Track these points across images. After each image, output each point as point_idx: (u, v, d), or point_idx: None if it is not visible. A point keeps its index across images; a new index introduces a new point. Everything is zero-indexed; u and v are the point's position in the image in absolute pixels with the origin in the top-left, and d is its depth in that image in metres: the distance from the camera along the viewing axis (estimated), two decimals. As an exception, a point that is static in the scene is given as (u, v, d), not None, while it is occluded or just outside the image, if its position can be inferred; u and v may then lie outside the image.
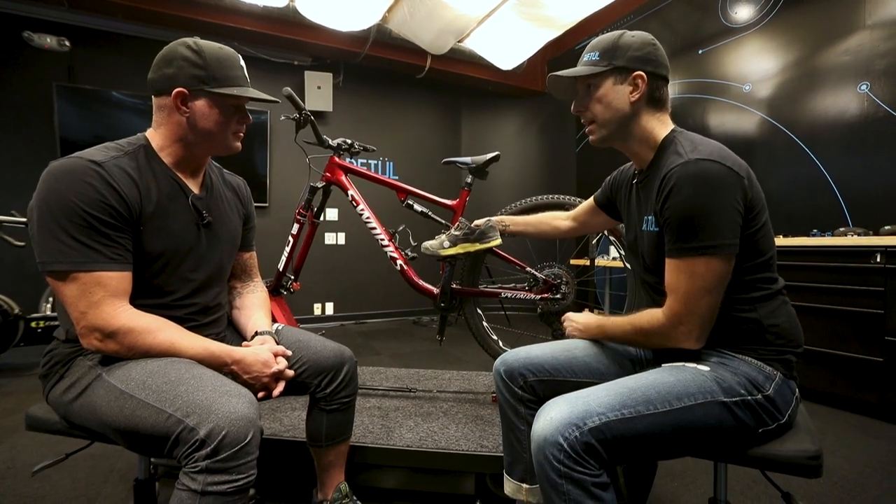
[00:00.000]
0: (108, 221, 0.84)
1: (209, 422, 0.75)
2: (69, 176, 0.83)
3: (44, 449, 1.80)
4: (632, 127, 0.97)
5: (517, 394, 1.07)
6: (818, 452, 0.82)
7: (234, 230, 1.14)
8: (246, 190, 1.23)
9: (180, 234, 0.97)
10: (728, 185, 0.81)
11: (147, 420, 0.79)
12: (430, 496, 1.48)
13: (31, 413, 1.01)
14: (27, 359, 3.19)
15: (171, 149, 0.98)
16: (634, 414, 0.77)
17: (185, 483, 0.75)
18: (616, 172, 1.19)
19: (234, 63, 0.99)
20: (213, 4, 3.67)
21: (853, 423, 2.12)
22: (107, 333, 0.84)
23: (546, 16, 3.72)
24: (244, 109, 1.02)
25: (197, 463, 0.74)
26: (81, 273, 0.82)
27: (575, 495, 0.73)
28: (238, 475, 0.76)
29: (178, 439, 0.76)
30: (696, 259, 0.82)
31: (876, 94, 2.49)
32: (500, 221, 1.48)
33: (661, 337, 0.89)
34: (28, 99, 3.58)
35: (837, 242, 2.25)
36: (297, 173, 4.49)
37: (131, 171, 0.90)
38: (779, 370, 0.86)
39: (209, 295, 1.05)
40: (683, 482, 1.59)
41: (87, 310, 0.83)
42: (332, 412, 1.17)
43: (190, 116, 0.94)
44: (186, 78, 0.92)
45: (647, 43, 0.95)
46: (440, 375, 2.18)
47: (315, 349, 1.14)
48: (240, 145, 1.05)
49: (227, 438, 0.74)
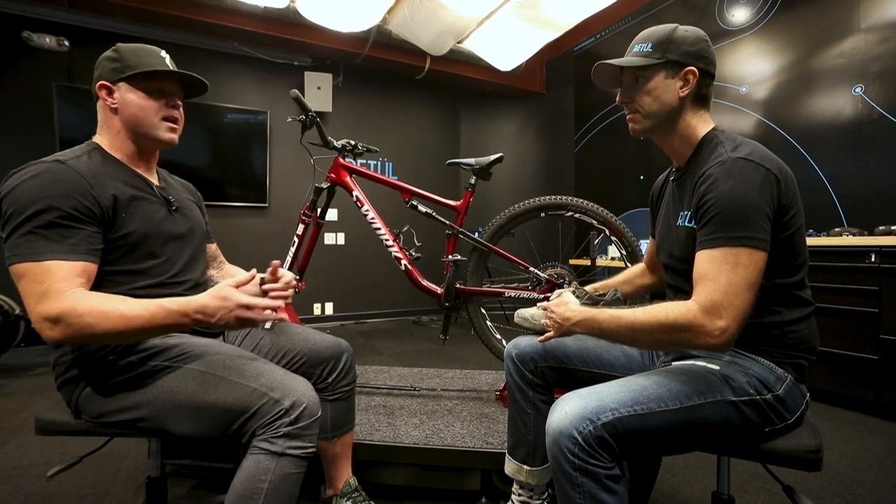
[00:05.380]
0: (70, 213, 0.86)
1: (292, 396, 0.90)
2: (34, 175, 0.87)
3: (50, 449, 1.81)
4: (675, 122, 0.95)
5: (527, 378, 1.10)
6: (819, 447, 0.85)
7: (199, 219, 1.19)
8: (195, 190, 1.29)
9: (155, 218, 1.02)
10: (763, 186, 0.81)
11: (231, 394, 0.89)
12: (437, 492, 1.50)
13: (42, 417, 1.01)
14: (28, 359, 3.18)
15: (117, 146, 1.03)
16: (646, 410, 0.79)
17: (263, 447, 0.86)
18: (652, 191, 1.18)
19: (152, 52, 1.03)
20: (213, 5, 3.67)
21: (849, 420, 2.16)
22: (53, 319, 0.79)
23: (545, 17, 3.75)
24: (170, 93, 1.04)
25: (279, 429, 0.87)
26: (32, 264, 0.81)
27: (589, 487, 0.76)
28: (309, 443, 0.90)
29: (259, 410, 0.88)
30: (739, 249, 0.78)
31: (870, 97, 2.53)
32: (606, 286, 1.24)
33: (691, 332, 0.78)
34: (28, 99, 3.57)
35: (833, 242, 2.29)
36: (298, 174, 4.50)
37: (94, 167, 0.95)
38: (790, 373, 0.88)
39: (197, 271, 1.11)
40: (685, 478, 1.62)
41: (37, 301, 0.80)
42: (335, 401, 1.22)
43: (118, 106, 1.00)
44: (107, 72, 1.00)
45: (701, 38, 0.94)
46: (443, 374, 2.20)
47: (313, 340, 1.21)
48: (175, 137, 1.06)
49: (307, 410, 0.90)
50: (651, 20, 3.92)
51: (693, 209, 0.88)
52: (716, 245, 0.81)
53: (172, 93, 1.05)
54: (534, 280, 1.78)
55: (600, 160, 4.48)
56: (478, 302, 1.86)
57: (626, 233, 1.75)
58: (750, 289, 0.78)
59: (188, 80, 1.06)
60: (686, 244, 0.92)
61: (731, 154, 0.84)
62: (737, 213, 0.80)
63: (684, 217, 0.93)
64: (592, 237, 2.67)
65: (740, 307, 0.77)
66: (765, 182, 0.81)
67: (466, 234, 1.81)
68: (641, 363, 1.09)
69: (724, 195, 0.81)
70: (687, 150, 0.97)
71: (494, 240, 1.79)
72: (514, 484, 1.17)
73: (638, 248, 1.76)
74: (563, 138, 4.97)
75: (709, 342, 0.78)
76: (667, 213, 1.04)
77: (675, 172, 1.03)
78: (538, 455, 1.11)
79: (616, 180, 4.28)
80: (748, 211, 0.79)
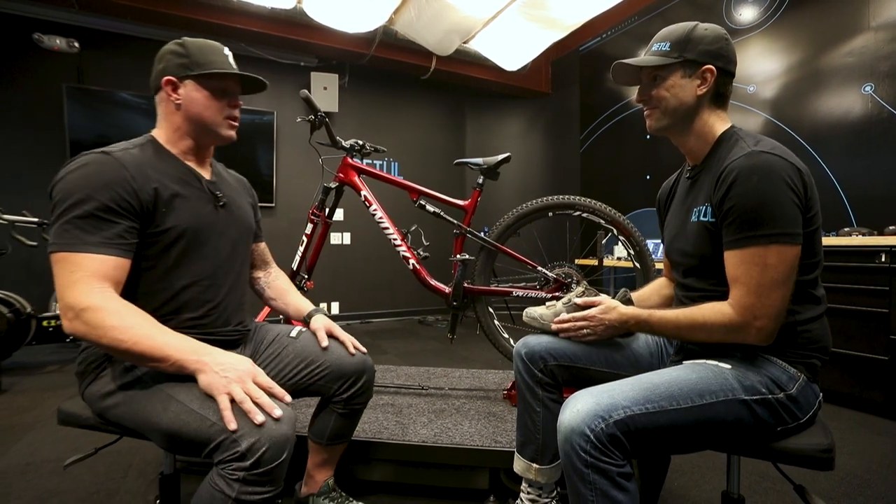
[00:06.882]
0: (108, 205, 0.87)
1: (251, 436, 0.77)
2: (81, 165, 0.89)
3: (62, 445, 1.83)
4: (693, 120, 0.96)
5: (536, 376, 1.10)
6: (831, 446, 0.85)
7: (248, 215, 1.18)
8: (248, 183, 1.30)
9: (200, 213, 1.01)
10: (790, 179, 0.81)
11: (190, 425, 0.82)
12: (445, 490, 1.51)
13: (64, 408, 1.04)
14: (39, 357, 3.22)
15: (175, 140, 1.04)
16: (657, 409, 0.79)
17: (218, 485, 0.77)
18: (659, 196, 1.18)
19: (216, 50, 1.04)
20: (221, 6, 3.70)
21: (858, 421, 2.14)
22: (76, 311, 0.81)
23: (551, 17, 3.75)
24: (232, 94, 1.06)
25: (235, 472, 0.76)
26: (68, 254, 0.84)
27: (601, 484, 0.76)
28: (271, 487, 0.79)
29: (219, 446, 0.78)
30: (766, 248, 0.80)
31: (880, 96, 2.52)
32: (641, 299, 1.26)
33: (728, 332, 0.84)
34: (38, 100, 3.61)
35: (842, 242, 2.28)
36: (305, 173, 4.52)
37: (142, 159, 0.95)
38: (803, 373, 0.88)
39: (234, 270, 1.10)
40: (694, 478, 1.62)
41: (65, 289, 0.83)
42: (342, 415, 1.19)
43: (181, 103, 1.00)
44: (173, 68, 1.00)
45: (720, 37, 0.94)
46: (450, 373, 2.21)
47: (338, 355, 1.16)
48: (234, 134, 1.08)
49: (267, 454, 0.77)
50: (657, 20, 3.90)
51: (715, 205, 0.88)
52: (741, 245, 0.83)
53: (235, 92, 1.07)
54: (541, 280, 1.78)
55: (606, 160, 4.47)
56: (485, 301, 1.87)
57: (635, 232, 1.75)
58: (782, 286, 0.81)
59: (250, 81, 1.07)
60: (699, 239, 0.92)
61: (753, 148, 0.84)
62: (763, 210, 0.80)
63: (699, 212, 0.93)
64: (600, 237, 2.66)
65: (773, 305, 0.81)
66: (792, 174, 0.81)
67: (474, 233, 1.82)
68: (651, 362, 1.09)
69: (749, 192, 0.81)
70: (704, 149, 0.98)
71: (502, 239, 1.80)
72: (523, 482, 1.17)
73: (646, 248, 1.76)
74: (569, 138, 4.97)
75: (748, 340, 0.84)
76: (677, 211, 1.04)
77: (689, 171, 1.04)
78: (547, 453, 1.11)
79: (622, 180, 4.27)
80: (774, 207, 0.80)
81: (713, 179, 0.89)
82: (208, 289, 1.02)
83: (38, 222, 2.99)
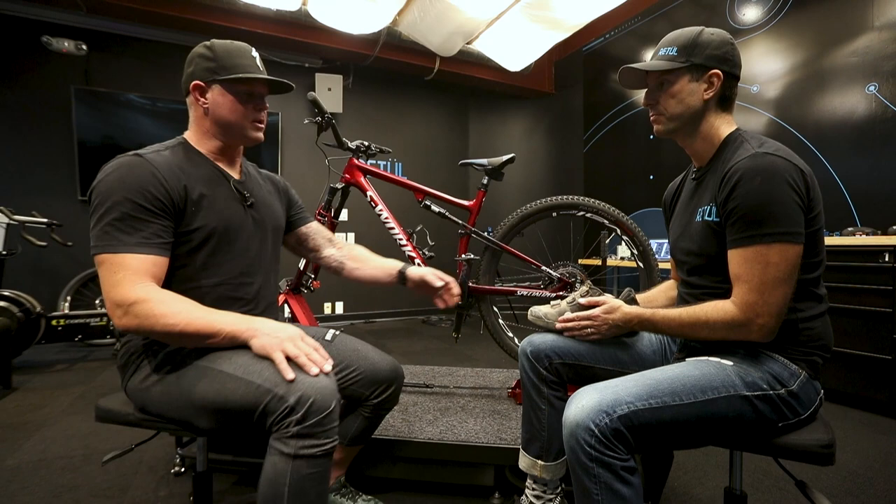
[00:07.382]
0: (145, 207, 0.90)
1: (297, 390, 0.82)
2: (115, 169, 0.92)
3: (73, 441, 1.86)
4: (699, 123, 0.98)
5: (541, 374, 1.12)
6: (831, 441, 0.86)
7: (278, 215, 1.19)
8: (281, 181, 1.31)
9: (228, 213, 1.03)
10: (793, 180, 0.83)
11: (237, 392, 0.86)
12: (451, 487, 1.53)
13: (103, 405, 1.05)
14: (49, 356, 3.26)
15: (204, 142, 1.06)
16: (661, 404, 0.81)
17: (277, 448, 0.82)
18: (665, 198, 1.20)
19: (244, 53, 1.05)
20: (226, 8, 3.73)
21: (862, 420, 2.15)
22: (125, 307, 0.85)
23: (554, 18, 3.76)
24: (259, 97, 1.07)
25: (288, 429, 0.81)
26: (109, 255, 0.88)
27: (605, 478, 0.78)
28: (325, 439, 0.83)
29: (267, 408, 0.83)
30: (769, 247, 0.82)
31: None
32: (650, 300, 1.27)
33: (731, 329, 0.86)
34: (46, 102, 3.65)
35: (846, 242, 2.29)
36: (309, 174, 4.55)
37: (172, 161, 0.98)
38: (804, 370, 0.89)
39: (263, 268, 1.11)
40: (696, 475, 1.63)
41: (110, 288, 0.87)
42: (367, 418, 1.21)
43: (209, 107, 1.03)
44: (201, 72, 1.01)
45: (726, 42, 0.96)
46: (455, 372, 2.23)
47: (372, 360, 1.18)
48: (261, 135, 1.11)
49: (315, 406, 0.81)
50: (661, 20, 3.91)
51: (719, 204, 0.90)
52: (744, 244, 0.85)
53: (261, 95, 1.08)
54: (546, 279, 1.80)
55: (609, 160, 4.48)
56: (490, 301, 1.89)
57: (638, 232, 1.77)
58: (784, 284, 0.83)
59: (276, 83, 1.08)
60: (704, 238, 0.94)
61: (757, 150, 0.86)
62: (766, 210, 0.82)
63: (704, 212, 0.95)
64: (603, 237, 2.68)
65: (775, 303, 0.83)
66: (794, 176, 0.83)
67: (479, 233, 1.84)
68: (654, 360, 1.11)
69: (752, 192, 0.83)
70: (709, 151, 1.00)
71: (506, 239, 1.81)
72: (528, 479, 1.19)
73: (649, 248, 1.77)
74: (573, 138, 4.97)
75: (750, 337, 0.86)
76: (682, 212, 1.06)
77: (694, 172, 1.06)
78: (552, 450, 1.13)
79: (625, 180, 4.28)
80: (777, 207, 0.82)
81: (718, 180, 0.91)
82: (238, 287, 1.04)
83: (48, 223, 3.03)
